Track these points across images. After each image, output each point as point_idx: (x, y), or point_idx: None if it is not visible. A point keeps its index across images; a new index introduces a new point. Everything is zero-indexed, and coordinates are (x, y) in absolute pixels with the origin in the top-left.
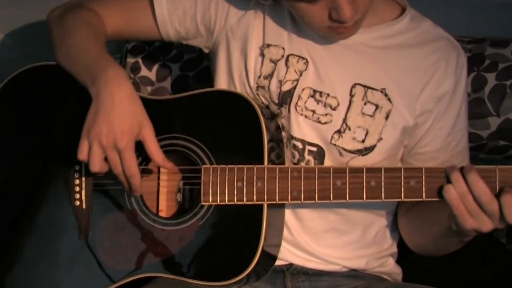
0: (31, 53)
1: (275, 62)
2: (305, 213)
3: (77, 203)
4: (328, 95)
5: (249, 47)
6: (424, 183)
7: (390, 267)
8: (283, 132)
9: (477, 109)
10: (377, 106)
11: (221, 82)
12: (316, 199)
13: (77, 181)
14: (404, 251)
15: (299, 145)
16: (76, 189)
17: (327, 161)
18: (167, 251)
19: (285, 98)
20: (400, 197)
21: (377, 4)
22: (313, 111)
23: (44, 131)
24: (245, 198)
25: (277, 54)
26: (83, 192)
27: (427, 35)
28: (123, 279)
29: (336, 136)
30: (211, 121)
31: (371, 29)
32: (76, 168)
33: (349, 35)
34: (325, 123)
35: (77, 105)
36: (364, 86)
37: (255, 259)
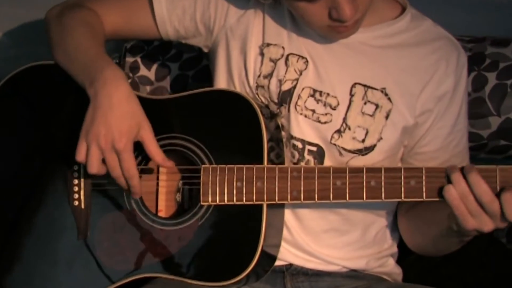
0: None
1: (274, 62)
2: (305, 213)
3: (76, 203)
4: (328, 94)
5: (248, 46)
6: (424, 183)
7: (390, 268)
8: (282, 132)
9: (477, 108)
10: (377, 106)
11: (220, 81)
12: (316, 199)
13: (76, 181)
14: (404, 251)
15: (299, 144)
16: (75, 189)
17: (327, 161)
18: (166, 251)
19: (285, 97)
20: (400, 197)
21: (377, 3)
22: (313, 111)
23: (42, 131)
24: (244, 198)
25: (276, 54)
26: (82, 192)
27: (428, 35)
28: (122, 279)
29: (336, 135)
30: (211, 120)
31: (371, 28)
32: (74, 168)
33: (349, 34)
34: (325, 122)
35: (76, 105)
36: (364, 86)
37: (254, 259)
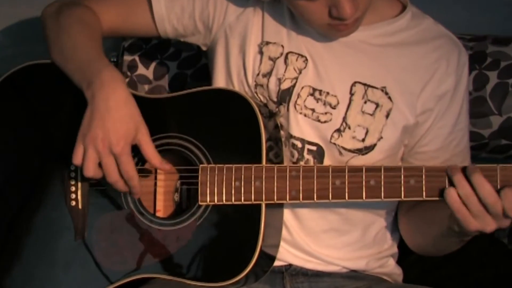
0: (26, 51)
1: (274, 60)
2: (305, 213)
3: (73, 203)
4: (328, 93)
5: (247, 44)
6: (424, 182)
7: (390, 268)
8: (281, 131)
9: (478, 107)
10: (377, 105)
11: (219, 80)
12: (315, 199)
13: (73, 181)
14: (405, 251)
15: (298, 144)
16: (72, 189)
17: (327, 160)
18: (164, 252)
19: (284, 96)
20: (400, 196)
21: (377, 1)
22: (313, 110)
23: (39, 130)
24: (243, 198)
25: (276, 52)
26: (79, 192)
27: (428, 33)
28: (120, 280)
29: (335, 135)
30: (209, 119)
31: (371, 27)
32: (71, 168)
33: (349, 32)
34: (324, 122)
35: (73, 105)
36: (364, 85)
37: (253, 259)
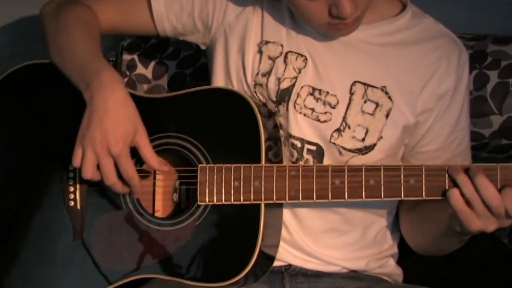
0: (25, 50)
1: (273, 59)
2: (304, 212)
3: (71, 203)
4: (328, 93)
5: (247, 43)
6: (424, 181)
7: (390, 268)
8: (280, 131)
9: (479, 107)
10: (377, 104)
11: (218, 79)
12: (315, 199)
13: (71, 181)
14: (405, 252)
15: (298, 143)
16: (70, 189)
17: (326, 160)
18: (163, 252)
19: (283, 96)
20: (399, 196)
21: (377, 0)
22: (312, 109)
23: (38, 131)
24: (242, 198)
25: (275, 51)
26: (77, 193)
27: (428, 32)
28: (119, 280)
29: (335, 134)
30: (208, 119)
31: (371, 26)
32: (70, 168)
33: (349, 32)
34: (324, 121)
35: (72, 105)
36: (364, 84)
37: (252, 259)
